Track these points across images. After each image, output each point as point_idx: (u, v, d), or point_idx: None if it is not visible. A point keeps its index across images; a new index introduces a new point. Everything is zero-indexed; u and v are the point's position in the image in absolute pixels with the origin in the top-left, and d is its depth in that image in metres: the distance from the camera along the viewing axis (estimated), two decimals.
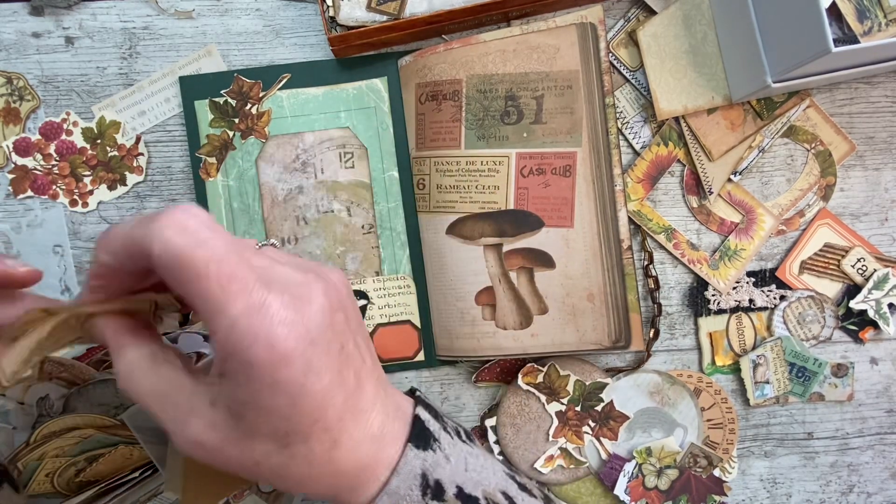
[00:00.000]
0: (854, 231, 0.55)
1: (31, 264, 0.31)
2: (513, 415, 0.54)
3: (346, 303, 0.30)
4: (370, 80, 0.54)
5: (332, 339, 0.28)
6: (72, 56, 0.53)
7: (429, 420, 0.33)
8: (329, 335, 0.28)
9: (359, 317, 0.32)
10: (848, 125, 0.55)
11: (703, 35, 0.52)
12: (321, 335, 0.27)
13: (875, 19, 0.44)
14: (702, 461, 0.55)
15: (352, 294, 0.32)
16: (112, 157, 0.54)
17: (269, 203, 0.54)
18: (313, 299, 0.28)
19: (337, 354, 0.28)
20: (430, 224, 0.54)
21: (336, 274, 0.31)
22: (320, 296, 0.28)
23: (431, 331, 0.55)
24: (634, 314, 0.52)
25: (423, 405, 0.34)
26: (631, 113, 0.55)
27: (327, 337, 0.28)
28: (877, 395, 0.57)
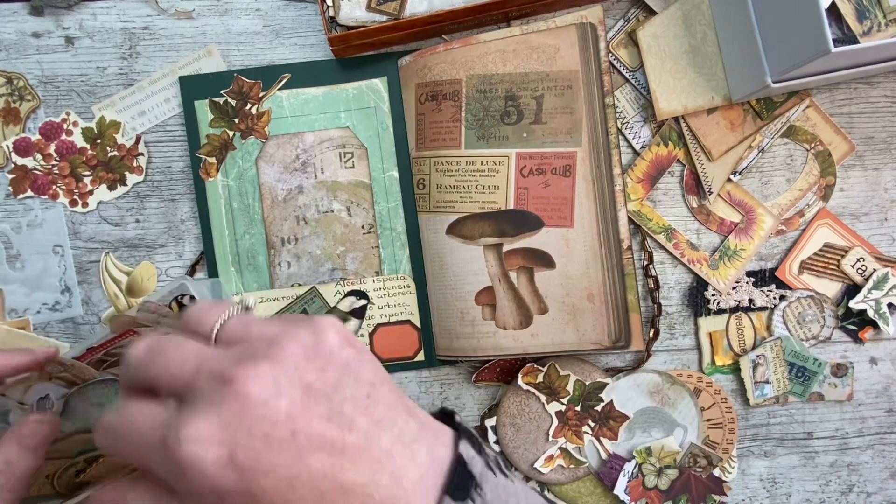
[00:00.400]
0: (854, 231, 0.55)
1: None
2: (513, 415, 0.55)
3: (306, 375, 0.27)
4: (370, 80, 0.54)
5: (273, 432, 0.26)
6: (72, 56, 0.53)
7: (472, 459, 0.29)
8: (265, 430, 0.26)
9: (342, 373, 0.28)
10: (847, 125, 0.55)
11: (703, 35, 0.52)
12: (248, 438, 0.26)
13: (875, 19, 0.44)
14: (702, 461, 0.55)
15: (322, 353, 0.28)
16: (112, 157, 0.54)
17: (269, 203, 0.54)
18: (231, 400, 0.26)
19: (287, 446, 0.26)
20: (430, 224, 0.54)
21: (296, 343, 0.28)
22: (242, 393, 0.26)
23: (431, 331, 0.55)
24: (634, 314, 0.52)
25: (466, 437, 0.30)
26: (631, 113, 0.55)
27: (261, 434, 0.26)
28: (876, 394, 0.57)
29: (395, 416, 0.29)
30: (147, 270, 0.54)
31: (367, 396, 0.28)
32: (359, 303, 0.54)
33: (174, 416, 0.27)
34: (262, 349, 0.28)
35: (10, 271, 0.53)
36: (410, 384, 0.56)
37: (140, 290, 0.54)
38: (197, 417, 0.26)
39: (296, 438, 0.26)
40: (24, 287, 0.53)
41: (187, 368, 0.28)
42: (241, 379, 0.26)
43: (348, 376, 0.28)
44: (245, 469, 0.26)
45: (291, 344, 0.28)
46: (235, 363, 0.27)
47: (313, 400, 0.27)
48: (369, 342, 0.55)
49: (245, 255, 0.54)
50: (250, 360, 0.27)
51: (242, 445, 0.26)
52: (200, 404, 0.26)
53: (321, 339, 0.29)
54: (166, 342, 0.29)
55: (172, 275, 0.54)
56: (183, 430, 0.25)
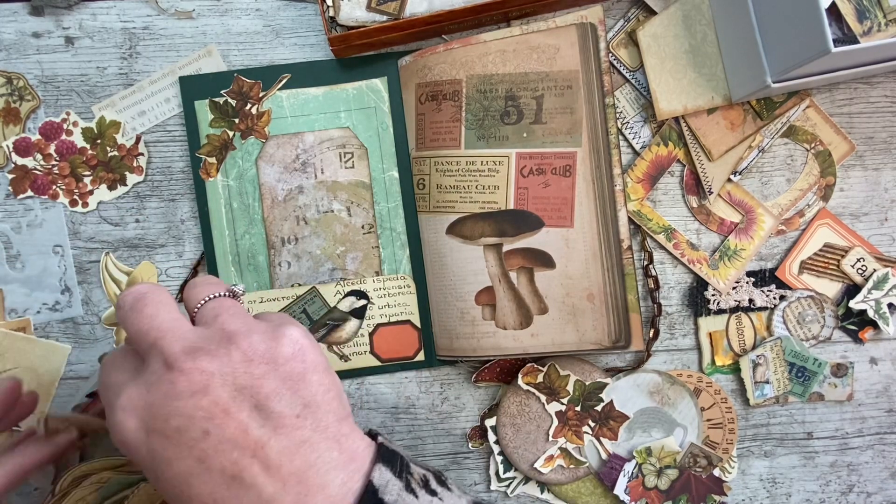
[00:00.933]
0: (854, 231, 0.55)
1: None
2: (513, 415, 0.55)
3: (243, 377, 0.28)
4: (370, 80, 0.54)
5: (187, 425, 0.27)
6: (72, 56, 0.53)
7: (386, 484, 0.29)
8: (177, 424, 0.27)
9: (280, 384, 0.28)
10: (848, 125, 0.55)
11: (703, 35, 0.52)
12: (164, 425, 0.27)
13: (875, 19, 0.44)
14: (702, 461, 0.55)
15: (270, 360, 0.29)
16: (112, 157, 0.54)
17: (269, 203, 0.54)
18: (160, 386, 0.28)
19: (197, 441, 0.27)
20: (430, 224, 0.54)
21: (246, 343, 0.29)
22: (169, 383, 0.27)
23: (431, 331, 0.55)
24: (634, 314, 0.52)
25: (384, 459, 0.30)
26: (631, 113, 0.55)
27: (173, 425, 0.27)
28: (876, 394, 0.57)
29: (320, 442, 0.28)
30: (147, 270, 0.54)
31: (297, 416, 0.28)
32: (359, 303, 0.54)
33: (127, 380, 0.29)
34: (214, 342, 0.29)
35: (10, 271, 0.53)
36: (410, 384, 0.56)
37: None
38: (132, 391, 0.28)
39: (206, 438, 0.27)
40: (24, 287, 0.53)
41: (149, 339, 0.29)
42: (178, 368, 0.27)
43: (286, 390, 0.28)
44: (154, 451, 0.27)
45: (242, 343, 0.29)
46: (182, 350, 0.28)
47: (238, 405, 0.27)
48: (369, 342, 0.55)
49: (245, 255, 0.54)
50: (194, 353, 0.28)
51: (156, 430, 0.27)
52: (142, 379, 0.28)
53: (274, 347, 0.29)
54: (151, 300, 0.31)
55: (172, 275, 0.54)
56: (118, 397, 0.28)
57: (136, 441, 0.27)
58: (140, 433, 0.27)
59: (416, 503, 0.29)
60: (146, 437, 0.27)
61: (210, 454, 0.27)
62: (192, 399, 0.27)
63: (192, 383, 0.27)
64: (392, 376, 0.56)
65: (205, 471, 0.27)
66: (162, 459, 0.27)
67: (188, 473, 0.27)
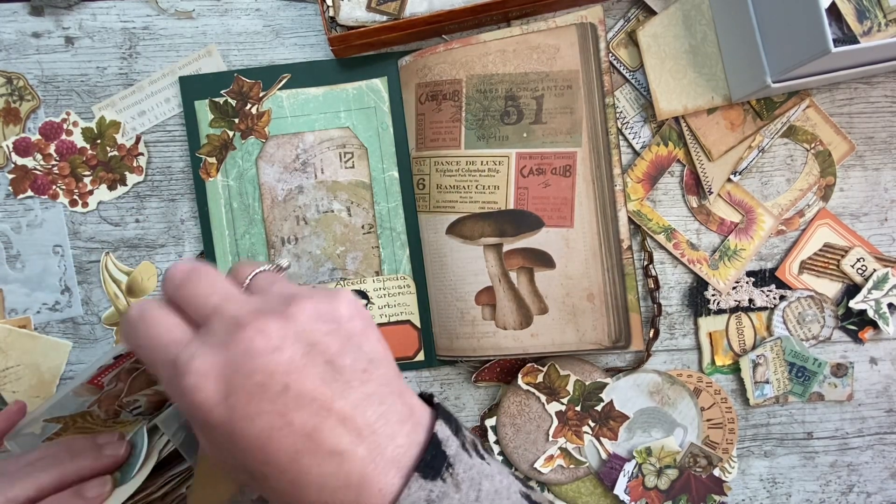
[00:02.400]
0: (854, 231, 0.55)
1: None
2: (513, 415, 0.55)
3: (312, 335, 0.29)
4: (370, 80, 0.54)
5: (268, 381, 0.28)
6: (72, 56, 0.53)
7: (447, 439, 0.30)
8: (259, 379, 0.28)
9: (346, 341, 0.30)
10: (848, 125, 0.55)
11: (703, 35, 0.52)
12: (245, 381, 0.27)
13: (875, 19, 0.44)
14: (702, 461, 0.55)
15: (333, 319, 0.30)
16: (112, 157, 0.54)
17: (269, 203, 0.54)
18: (237, 344, 0.28)
19: (277, 396, 0.28)
20: (430, 224, 0.54)
21: (310, 304, 0.30)
22: (248, 340, 0.28)
23: (431, 331, 0.55)
24: (634, 314, 0.52)
25: (444, 418, 0.31)
26: (631, 113, 0.55)
27: (255, 381, 0.28)
28: (876, 394, 0.57)
29: (387, 395, 0.30)
30: (147, 270, 0.54)
31: (364, 370, 0.30)
32: None
33: (190, 342, 0.29)
34: (278, 305, 0.30)
35: (10, 271, 0.53)
36: (410, 384, 0.56)
37: (140, 290, 0.54)
38: (206, 352, 0.28)
39: (286, 393, 0.28)
40: (24, 287, 0.53)
41: (211, 303, 0.30)
42: (252, 327, 0.28)
43: (351, 346, 0.30)
44: (234, 410, 0.27)
45: (305, 305, 0.29)
46: (250, 312, 0.29)
47: (312, 360, 0.29)
48: None
49: (245, 255, 0.54)
50: (264, 314, 0.29)
51: (237, 388, 0.27)
52: (212, 340, 0.28)
53: (335, 306, 0.30)
54: (204, 272, 0.31)
55: None
56: (192, 360, 0.28)
57: (214, 402, 0.27)
58: (219, 394, 0.27)
59: (470, 461, 0.31)
60: (225, 398, 0.27)
61: (291, 409, 0.28)
62: (272, 355, 0.28)
63: (270, 340, 0.28)
64: None
65: (286, 425, 0.28)
66: (244, 417, 0.27)
67: (270, 429, 0.28)
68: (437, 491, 0.29)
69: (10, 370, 0.53)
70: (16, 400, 0.45)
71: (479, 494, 0.30)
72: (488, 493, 0.30)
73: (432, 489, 0.29)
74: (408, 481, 0.29)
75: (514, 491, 0.32)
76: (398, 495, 0.28)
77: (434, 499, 0.29)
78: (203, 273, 0.31)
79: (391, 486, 0.28)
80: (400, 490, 0.28)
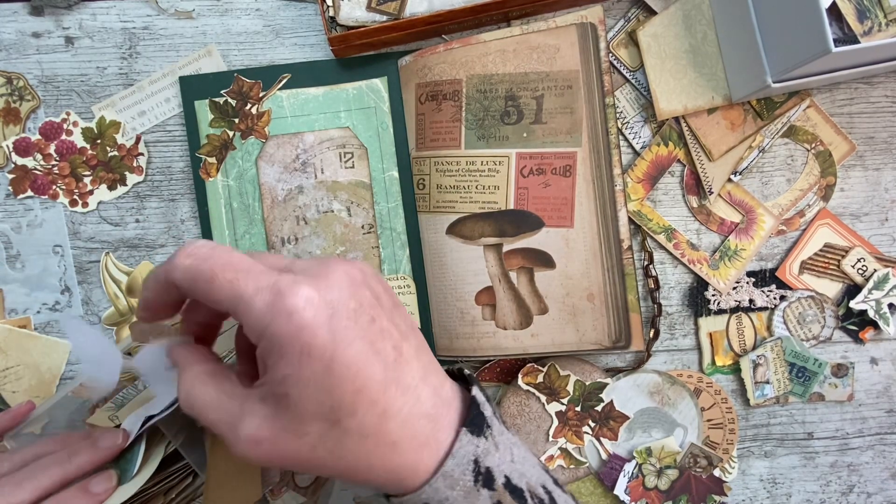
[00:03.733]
0: (854, 231, 0.55)
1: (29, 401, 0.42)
2: (513, 415, 0.54)
3: (373, 283, 0.31)
4: (370, 80, 0.54)
5: (359, 310, 0.29)
6: (72, 56, 0.53)
7: (483, 403, 0.32)
8: (353, 306, 0.29)
9: (394, 299, 0.32)
10: (848, 125, 0.55)
11: (703, 35, 0.52)
12: (343, 306, 0.29)
13: (875, 19, 0.44)
14: (702, 461, 0.55)
15: (380, 280, 0.32)
16: (112, 157, 0.54)
17: (269, 203, 0.54)
18: (331, 275, 0.29)
19: (367, 326, 0.29)
20: (430, 224, 0.54)
21: (361, 263, 0.32)
22: (338, 273, 0.29)
23: (431, 331, 0.55)
24: (634, 314, 0.52)
25: (478, 386, 0.33)
26: (631, 113, 0.55)
27: (351, 307, 0.29)
28: (877, 395, 0.57)
29: (426, 353, 0.32)
30: (147, 270, 0.54)
31: (411, 328, 0.33)
32: None
33: (282, 274, 0.29)
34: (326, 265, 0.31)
35: (10, 271, 0.53)
36: None
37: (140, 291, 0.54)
38: (305, 281, 0.28)
39: (373, 324, 0.29)
40: (24, 287, 0.53)
41: (281, 263, 0.31)
42: (335, 266, 0.30)
43: (397, 310, 0.32)
44: (336, 332, 0.28)
45: (362, 266, 0.32)
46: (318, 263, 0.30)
47: (379, 306, 0.31)
48: None
49: None
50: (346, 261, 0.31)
51: (341, 310, 0.29)
52: (308, 276, 0.29)
53: (376, 282, 0.32)
54: (236, 254, 0.31)
55: None
56: (296, 284, 0.28)
57: (320, 322, 0.28)
58: (325, 316, 0.28)
59: (501, 427, 0.33)
60: (330, 320, 0.28)
61: (377, 338, 0.29)
62: (360, 289, 0.30)
63: (353, 277, 0.30)
64: None
65: (376, 353, 0.29)
66: (343, 340, 0.28)
67: (365, 353, 0.29)
68: (483, 447, 0.31)
69: (10, 370, 0.53)
70: (28, 400, 0.45)
71: (513, 457, 0.32)
72: (518, 458, 0.32)
73: (478, 444, 0.31)
74: (457, 435, 0.30)
75: (536, 463, 0.34)
76: (451, 448, 0.30)
77: (481, 454, 0.31)
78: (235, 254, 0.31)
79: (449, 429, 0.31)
80: (452, 443, 0.30)
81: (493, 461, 0.31)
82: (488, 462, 0.31)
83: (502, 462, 0.31)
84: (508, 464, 0.31)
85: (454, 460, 0.30)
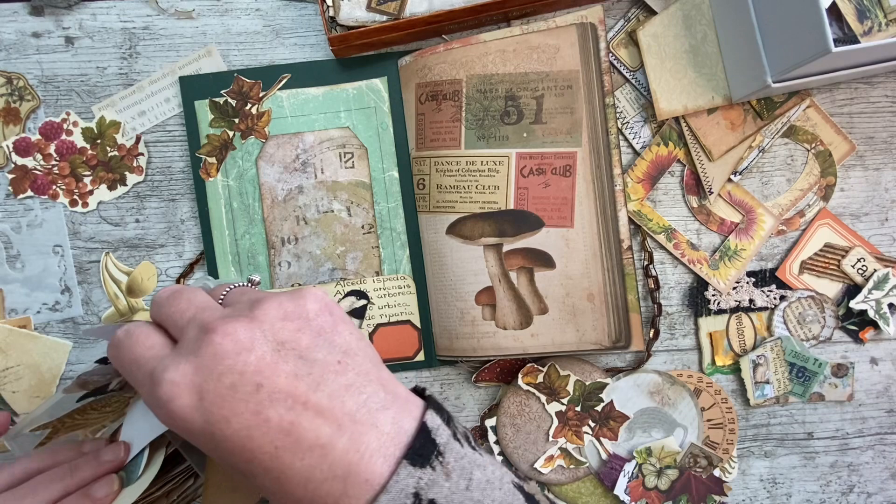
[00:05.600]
0: (854, 231, 0.55)
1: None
2: (513, 415, 0.54)
3: (280, 333, 0.30)
4: (370, 80, 0.54)
5: (240, 382, 0.29)
6: (72, 56, 0.53)
7: (438, 428, 0.30)
8: (231, 380, 0.29)
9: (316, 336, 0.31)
10: (848, 125, 0.55)
11: (703, 35, 0.52)
12: (215, 385, 0.28)
13: (875, 19, 0.44)
14: (702, 461, 0.55)
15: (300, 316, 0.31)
16: (112, 157, 0.54)
17: (269, 203, 0.54)
18: (206, 349, 0.29)
19: (250, 394, 0.28)
20: (430, 224, 0.54)
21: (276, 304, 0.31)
22: (216, 345, 0.29)
23: (431, 331, 0.55)
24: (634, 314, 0.52)
25: (434, 408, 0.32)
26: (631, 113, 0.55)
27: (228, 383, 0.28)
28: (877, 395, 0.57)
29: (365, 385, 0.30)
30: (147, 270, 0.54)
31: (339, 362, 0.30)
32: (359, 303, 0.54)
33: (166, 355, 0.30)
34: (245, 309, 0.31)
35: (10, 271, 0.53)
36: (410, 384, 0.56)
37: (140, 290, 0.54)
38: (178, 361, 0.29)
39: (259, 391, 0.28)
40: (24, 287, 0.53)
41: (187, 315, 0.31)
42: (220, 331, 0.29)
43: (322, 341, 0.31)
44: (210, 413, 0.28)
45: (271, 306, 0.31)
46: (220, 318, 0.30)
47: (283, 358, 0.29)
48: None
49: (245, 255, 0.54)
50: (231, 317, 0.30)
51: (210, 391, 0.28)
52: (185, 349, 0.30)
53: (301, 304, 0.31)
54: (187, 290, 0.33)
55: (172, 275, 0.54)
56: (165, 371, 0.29)
57: (190, 409, 0.28)
58: (193, 401, 0.28)
59: (462, 451, 0.30)
60: (200, 403, 0.28)
61: (265, 406, 0.28)
62: (241, 356, 0.29)
63: (237, 342, 0.29)
64: None
65: (263, 422, 0.28)
66: (220, 419, 0.28)
67: (248, 427, 0.28)
68: (427, 478, 0.29)
69: (10, 370, 0.53)
70: (4, 412, 0.45)
71: (470, 483, 0.30)
72: (479, 482, 0.30)
73: (421, 476, 0.29)
74: (396, 468, 0.29)
75: (507, 482, 0.32)
76: (386, 483, 0.28)
77: (423, 486, 0.29)
78: (185, 292, 0.33)
79: (378, 474, 0.29)
80: (388, 478, 0.28)
81: (439, 492, 0.29)
82: (433, 494, 0.29)
83: (454, 491, 0.29)
84: (462, 492, 0.29)
85: (388, 496, 0.28)
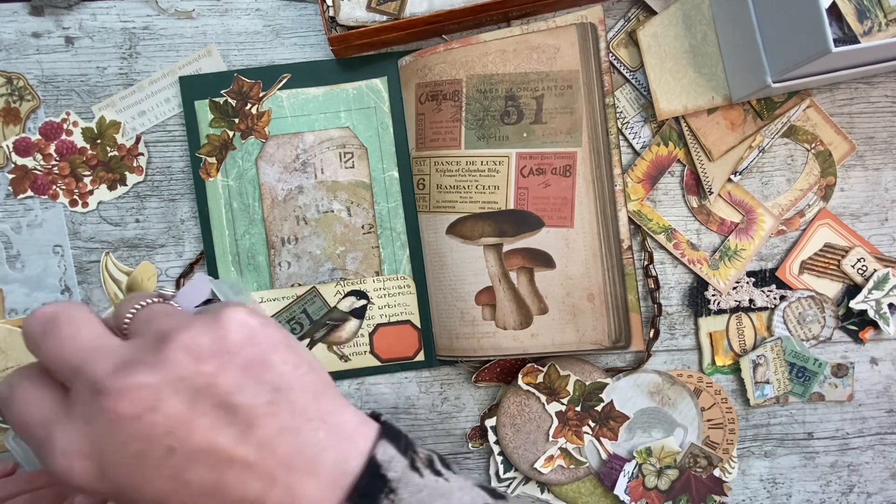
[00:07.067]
0: (854, 231, 0.55)
1: None
2: (513, 415, 0.54)
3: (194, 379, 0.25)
4: (370, 80, 0.54)
5: (148, 449, 0.25)
6: (72, 56, 0.53)
7: (390, 460, 0.27)
8: (137, 448, 0.25)
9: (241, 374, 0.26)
10: (848, 125, 0.55)
11: (703, 35, 0.52)
12: (118, 455, 0.25)
13: (875, 19, 0.44)
14: (702, 461, 0.55)
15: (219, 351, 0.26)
16: (112, 157, 0.54)
17: (269, 203, 0.54)
18: (100, 416, 0.24)
19: (162, 462, 0.25)
20: (430, 224, 0.54)
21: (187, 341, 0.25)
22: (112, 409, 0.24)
23: (431, 331, 0.55)
24: (634, 314, 0.52)
25: (388, 436, 0.29)
26: (631, 113, 0.55)
27: (133, 452, 0.25)
28: (877, 395, 0.57)
29: (302, 424, 0.27)
30: (147, 270, 0.54)
31: (269, 403, 0.26)
32: (359, 303, 0.54)
33: (55, 418, 0.25)
34: (149, 351, 0.26)
35: (10, 271, 0.53)
36: (410, 384, 0.56)
37: (140, 290, 0.54)
38: (69, 430, 0.25)
39: (173, 455, 0.25)
40: (24, 287, 0.53)
41: (72, 363, 0.26)
42: (115, 393, 0.24)
43: (248, 379, 0.26)
44: (117, 484, 0.25)
45: (181, 344, 0.25)
46: (113, 371, 0.25)
47: (198, 410, 0.25)
48: (369, 342, 0.55)
49: (245, 255, 0.54)
50: (128, 369, 0.25)
51: (112, 463, 0.25)
52: (75, 411, 0.25)
53: (221, 336, 0.26)
54: (66, 319, 0.27)
55: (172, 275, 0.54)
56: (55, 443, 0.25)
57: (93, 481, 0.25)
58: (94, 473, 0.25)
59: (421, 482, 0.27)
60: (103, 476, 0.25)
61: (182, 469, 0.25)
62: (143, 419, 0.24)
63: (137, 403, 0.24)
64: (392, 376, 0.56)
65: (182, 486, 0.25)
66: (131, 488, 0.25)
67: (165, 493, 0.25)
68: None
69: (11, 370, 0.53)
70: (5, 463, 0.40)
71: None
72: None
73: None
74: None
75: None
76: None
77: None
78: (64, 322, 0.27)
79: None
80: None
81: None
82: None
83: None
84: None
85: None
